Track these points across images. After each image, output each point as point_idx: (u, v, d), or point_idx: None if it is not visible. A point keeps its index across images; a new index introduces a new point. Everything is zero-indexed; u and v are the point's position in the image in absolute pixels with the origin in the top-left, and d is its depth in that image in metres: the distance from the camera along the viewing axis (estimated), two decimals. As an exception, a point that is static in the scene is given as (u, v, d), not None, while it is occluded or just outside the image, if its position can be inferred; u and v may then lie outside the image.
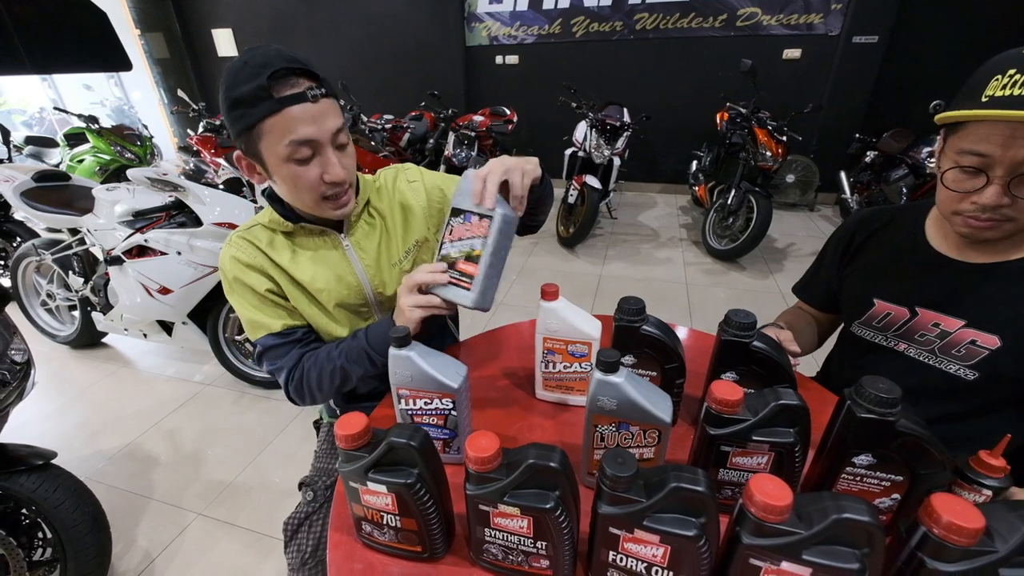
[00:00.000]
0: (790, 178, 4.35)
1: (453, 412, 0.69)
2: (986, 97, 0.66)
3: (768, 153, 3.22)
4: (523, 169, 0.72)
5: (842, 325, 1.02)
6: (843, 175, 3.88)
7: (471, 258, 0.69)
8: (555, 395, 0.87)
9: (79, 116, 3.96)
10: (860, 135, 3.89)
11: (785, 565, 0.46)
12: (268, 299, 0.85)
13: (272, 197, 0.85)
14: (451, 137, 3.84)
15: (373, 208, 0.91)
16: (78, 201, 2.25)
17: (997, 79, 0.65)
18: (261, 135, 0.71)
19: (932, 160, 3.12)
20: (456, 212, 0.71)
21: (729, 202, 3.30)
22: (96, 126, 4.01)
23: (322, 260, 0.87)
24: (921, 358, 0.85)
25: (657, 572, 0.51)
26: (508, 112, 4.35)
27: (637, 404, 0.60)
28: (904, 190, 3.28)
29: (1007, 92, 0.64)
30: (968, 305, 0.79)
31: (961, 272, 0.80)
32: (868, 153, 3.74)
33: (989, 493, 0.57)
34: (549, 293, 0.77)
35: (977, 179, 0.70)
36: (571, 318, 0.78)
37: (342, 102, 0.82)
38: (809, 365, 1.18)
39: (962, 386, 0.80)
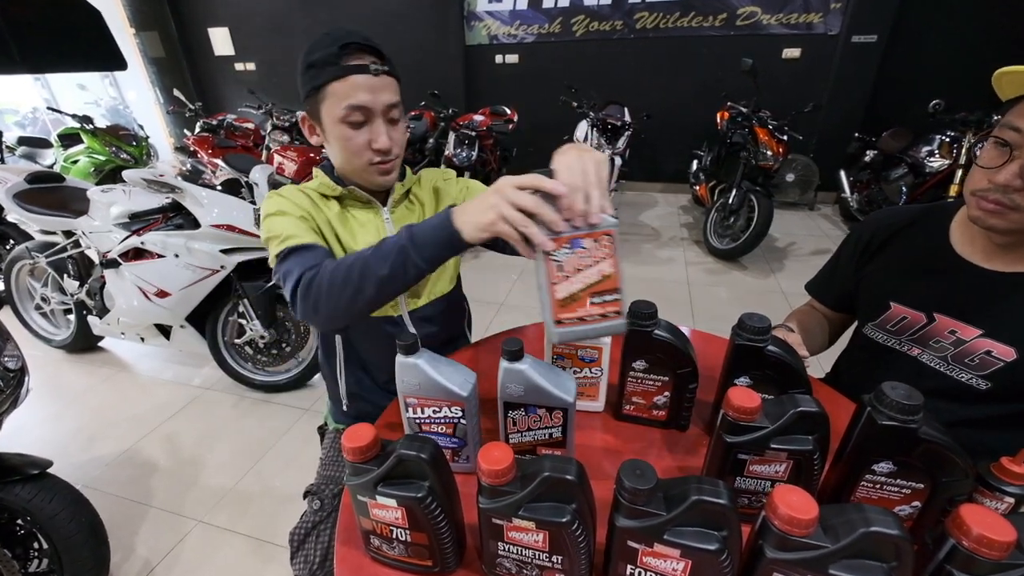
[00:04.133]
0: (790, 177, 4.35)
1: (462, 421, 0.67)
2: None
3: (769, 152, 3.22)
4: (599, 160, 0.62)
5: (855, 325, 1.00)
6: (843, 174, 3.88)
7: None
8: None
9: (73, 116, 3.92)
10: (859, 134, 3.89)
11: (810, 580, 0.44)
12: (306, 222, 0.84)
13: (326, 169, 0.92)
14: (451, 137, 3.82)
15: (414, 195, 0.98)
16: (73, 203, 2.21)
17: None
18: (325, 97, 0.79)
19: (932, 159, 3.12)
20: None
21: (730, 201, 3.30)
22: (91, 126, 3.97)
23: (364, 227, 0.91)
24: (933, 364, 0.83)
25: (677, 587, 0.49)
26: (508, 111, 4.34)
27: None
28: (904, 189, 3.28)
29: None
30: (987, 314, 0.77)
31: (984, 279, 0.78)
32: (867, 152, 3.74)
33: (1012, 501, 0.56)
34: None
35: (1004, 157, 0.69)
36: (581, 323, 0.76)
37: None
38: (815, 367, 1.17)
39: (974, 395, 0.79)
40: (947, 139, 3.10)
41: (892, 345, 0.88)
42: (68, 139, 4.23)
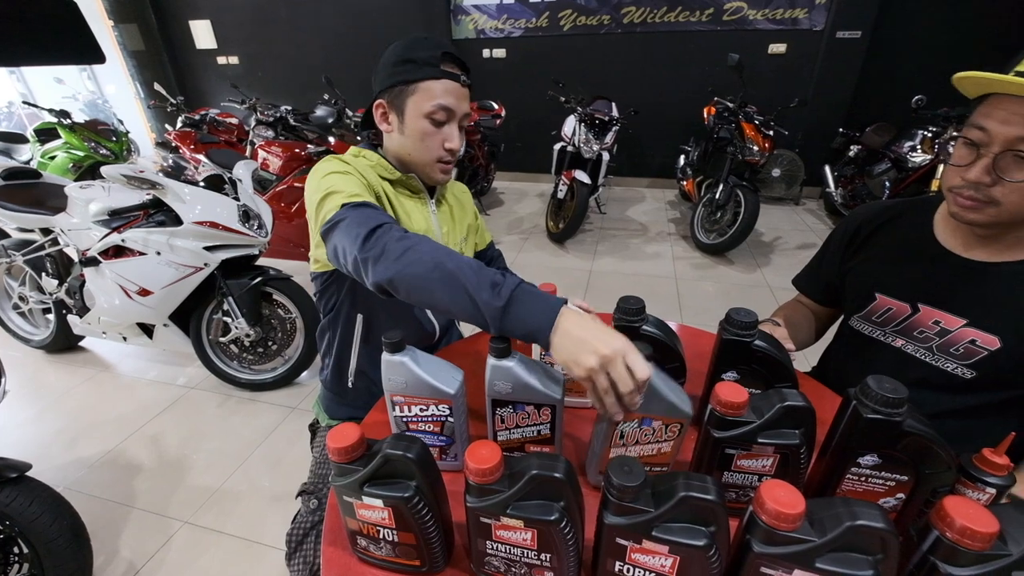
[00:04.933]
0: (776, 172, 4.39)
1: (450, 418, 0.66)
2: (1015, 72, 0.66)
3: (755, 147, 3.24)
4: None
5: (841, 319, 1.01)
6: (827, 169, 3.93)
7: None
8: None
9: (50, 111, 3.82)
10: (843, 129, 3.94)
11: (798, 574, 0.45)
12: (370, 192, 0.84)
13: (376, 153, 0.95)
14: (438, 132, 3.78)
15: (442, 197, 1.06)
16: (50, 200, 2.15)
17: None
18: (415, 91, 0.85)
19: (914, 154, 3.17)
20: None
21: (717, 196, 3.32)
22: (68, 121, 3.87)
23: (415, 214, 0.96)
24: (919, 355, 0.84)
25: (665, 583, 0.49)
26: (496, 106, 4.31)
27: (664, 398, 0.59)
28: (887, 184, 3.33)
29: None
30: (971, 304, 0.78)
31: (966, 270, 0.80)
32: (851, 147, 3.79)
33: (993, 491, 0.56)
34: (546, 294, 0.75)
35: (973, 155, 0.70)
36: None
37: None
38: (802, 361, 1.18)
39: (959, 384, 0.80)
40: (929, 134, 3.15)
41: (877, 337, 0.89)
42: (45, 134, 4.11)
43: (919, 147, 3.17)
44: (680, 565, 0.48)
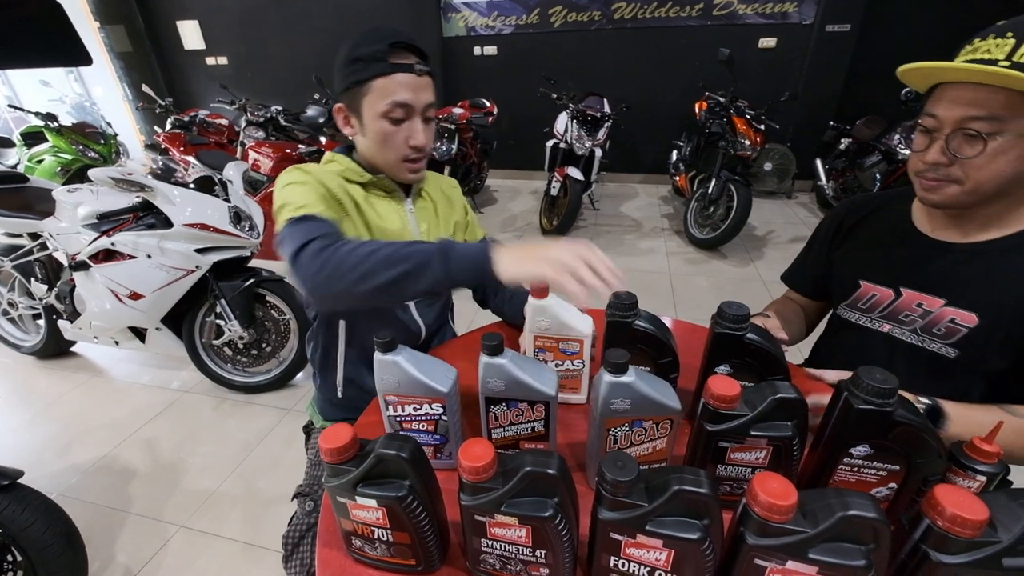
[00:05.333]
0: (768, 166, 4.40)
1: (444, 417, 0.66)
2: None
3: (747, 142, 3.25)
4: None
5: (831, 311, 1.03)
6: (818, 162, 3.95)
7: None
8: (547, 394, 0.85)
9: (36, 114, 3.77)
10: (834, 123, 3.95)
11: (791, 564, 0.45)
12: (325, 200, 0.82)
13: (344, 154, 0.93)
14: (430, 130, 3.76)
15: (426, 192, 1.02)
16: (38, 204, 2.13)
17: (965, 49, 0.71)
18: (369, 91, 0.81)
19: (903, 146, 3.19)
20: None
21: (710, 191, 3.33)
22: (55, 124, 3.82)
23: (390, 213, 0.93)
24: (905, 338, 0.86)
25: (660, 576, 0.50)
26: (488, 104, 4.30)
27: (650, 398, 0.59)
28: (877, 176, 3.35)
29: (967, 56, 0.70)
30: (947, 284, 0.81)
31: (942, 251, 0.83)
32: (842, 140, 3.81)
33: (983, 479, 0.57)
34: (539, 290, 0.75)
35: (928, 139, 0.75)
36: (562, 315, 0.76)
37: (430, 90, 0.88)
38: (793, 355, 1.19)
39: (945, 365, 0.82)
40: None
41: (864, 324, 0.91)
42: (32, 138, 4.07)
43: (908, 139, 3.19)
44: (675, 558, 0.48)
